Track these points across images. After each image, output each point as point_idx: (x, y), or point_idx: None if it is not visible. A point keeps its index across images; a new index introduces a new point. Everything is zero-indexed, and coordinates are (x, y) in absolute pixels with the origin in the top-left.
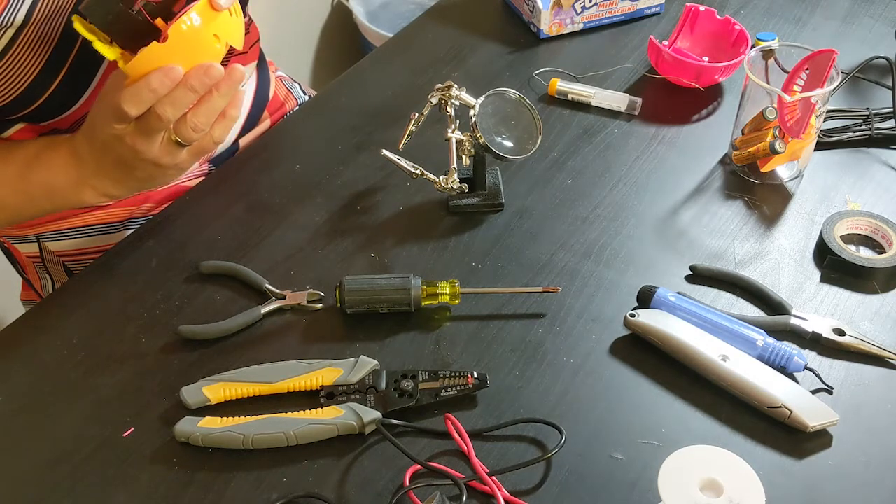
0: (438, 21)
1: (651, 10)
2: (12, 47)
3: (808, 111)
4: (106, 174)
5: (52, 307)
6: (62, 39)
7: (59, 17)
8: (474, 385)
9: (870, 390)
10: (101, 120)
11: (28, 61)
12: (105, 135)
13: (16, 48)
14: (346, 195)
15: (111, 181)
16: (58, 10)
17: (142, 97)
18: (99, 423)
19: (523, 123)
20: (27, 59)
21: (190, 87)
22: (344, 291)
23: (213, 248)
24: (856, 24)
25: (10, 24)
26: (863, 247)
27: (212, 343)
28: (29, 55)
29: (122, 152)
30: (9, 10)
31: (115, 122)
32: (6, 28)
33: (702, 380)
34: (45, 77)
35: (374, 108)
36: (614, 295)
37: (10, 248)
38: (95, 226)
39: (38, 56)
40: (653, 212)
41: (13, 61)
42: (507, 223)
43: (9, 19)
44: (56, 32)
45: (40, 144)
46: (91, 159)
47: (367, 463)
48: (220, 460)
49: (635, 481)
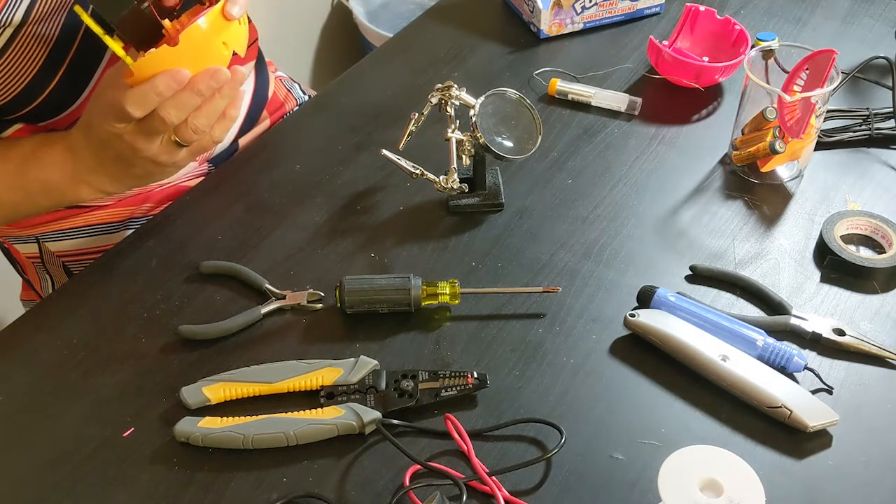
0: (438, 21)
1: (651, 10)
2: (10, 47)
3: (808, 111)
4: (103, 171)
5: (52, 307)
6: (61, 39)
7: (57, 17)
8: (474, 385)
9: (870, 390)
10: (100, 118)
11: (26, 61)
12: (104, 133)
13: (14, 48)
14: (346, 195)
15: (108, 178)
16: (56, 10)
17: (147, 99)
18: (99, 423)
19: (523, 123)
20: (25, 59)
21: (197, 91)
22: (344, 291)
23: (213, 248)
24: (856, 24)
25: (9, 24)
26: (863, 247)
27: (212, 343)
28: (27, 55)
29: (121, 150)
30: (7, 10)
31: (116, 121)
32: (4, 27)
33: (702, 380)
34: (44, 77)
35: (374, 108)
36: (614, 295)
37: (9, 248)
38: (95, 226)
39: (37, 56)
40: (653, 212)
41: (11, 61)
42: (507, 223)
43: (7, 19)
44: (54, 32)
45: (36, 141)
46: (88, 156)
47: (367, 463)
48: (220, 460)
49: (635, 481)
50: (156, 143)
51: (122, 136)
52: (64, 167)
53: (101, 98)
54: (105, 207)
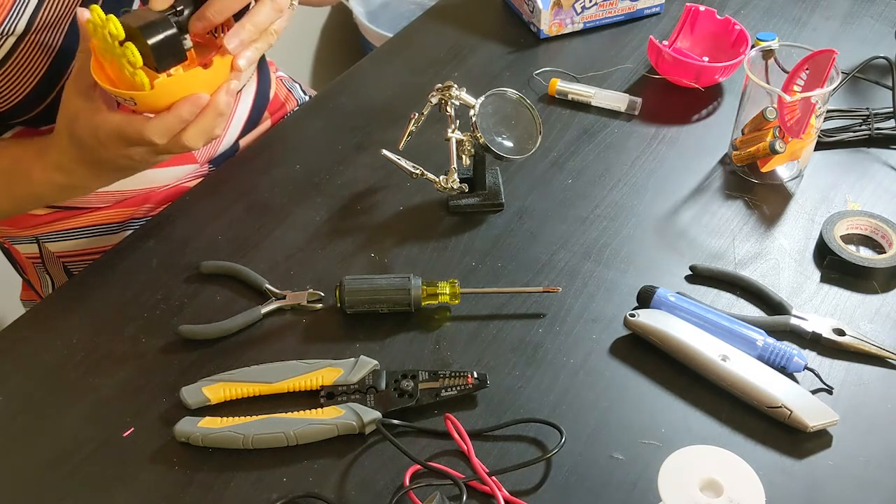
0: (438, 21)
1: (651, 10)
2: (13, 55)
3: (808, 111)
4: (92, 176)
5: (52, 307)
6: (63, 48)
7: (60, 26)
8: (474, 385)
9: (870, 390)
10: (108, 143)
11: (29, 69)
12: (111, 154)
13: (17, 56)
14: (346, 195)
15: (93, 177)
16: (59, 19)
17: (172, 128)
18: (99, 423)
19: (523, 123)
20: (28, 68)
21: (219, 112)
22: (344, 291)
23: (213, 248)
24: (856, 24)
25: (12, 33)
26: (863, 247)
27: (212, 343)
28: (30, 63)
29: (120, 164)
30: (10, 19)
31: (129, 146)
32: (7, 36)
33: (702, 380)
34: (46, 85)
35: (374, 108)
36: (614, 295)
37: (10, 248)
38: (95, 226)
39: (39, 64)
40: (653, 212)
41: (14, 69)
42: (507, 223)
43: (10, 28)
44: (57, 41)
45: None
46: (80, 168)
47: (367, 463)
48: (220, 460)
49: (635, 481)
50: (162, 158)
51: (131, 157)
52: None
53: (97, 121)
54: (105, 208)
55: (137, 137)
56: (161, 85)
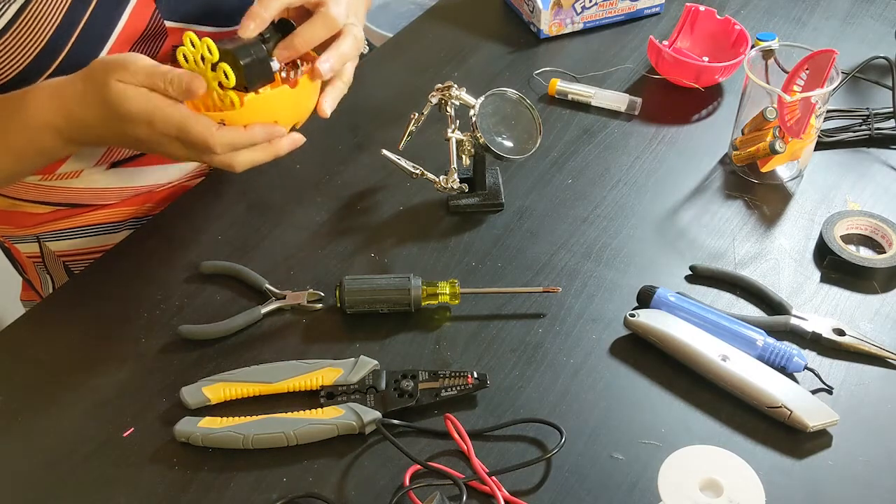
0: (438, 21)
1: (651, 10)
2: (15, 23)
3: (808, 111)
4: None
5: (52, 307)
6: (66, 18)
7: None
8: (474, 385)
9: (870, 390)
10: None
11: (31, 39)
12: (147, 135)
13: (19, 24)
14: (346, 195)
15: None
16: None
17: (237, 144)
18: (99, 423)
19: (523, 123)
20: (30, 37)
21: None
22: (344, 291)
23: (213, 248)
24: (856, 24)
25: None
26: (863, 247)
27: (212, 343)
28: (32, 33)
29: (147, 142)
30: None
31: (179, 139)
32: (10, 3)
33: (702, 380)
34: (47, 56)
35: (374, 108)
36: (614, 295)
37: (10, 248)
38: (96, 226)
39: (41, 34)
40: (653, 212)
41: (16, 38)
42: (507, 223)
43: None
44: (60, 12)
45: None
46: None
47: (367, 463)
48: (220, 460)
49: (635, 481)
50: (192, 160)
51: (172, 149)
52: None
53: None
54: (105, 207)
55: (199, 139)
56: (250, 102)
